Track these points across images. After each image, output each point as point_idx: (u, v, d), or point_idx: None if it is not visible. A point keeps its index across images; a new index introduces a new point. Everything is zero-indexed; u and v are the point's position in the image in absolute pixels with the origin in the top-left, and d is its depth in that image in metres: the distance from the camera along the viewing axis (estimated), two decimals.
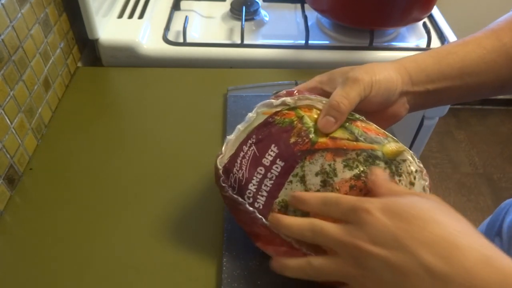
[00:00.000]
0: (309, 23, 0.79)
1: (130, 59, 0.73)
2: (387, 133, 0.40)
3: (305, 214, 0.39)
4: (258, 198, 0.40)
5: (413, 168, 0.39)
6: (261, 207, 0.40)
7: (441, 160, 1.77)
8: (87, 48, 0.76)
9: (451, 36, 0.81)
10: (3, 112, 0.50)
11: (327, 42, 0.80)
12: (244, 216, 0.41)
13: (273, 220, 0.39)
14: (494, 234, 0.56)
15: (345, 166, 0.39)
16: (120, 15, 0.78)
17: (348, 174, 0.38)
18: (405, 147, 0.39)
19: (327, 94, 0.42)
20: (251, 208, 0.40)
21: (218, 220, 0.49)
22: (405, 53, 0.77)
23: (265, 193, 0.40)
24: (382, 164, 0.39)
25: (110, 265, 0.45)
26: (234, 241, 0.46)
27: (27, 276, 0.44)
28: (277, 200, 0.40)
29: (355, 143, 0.39)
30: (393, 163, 0.39)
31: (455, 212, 0.32)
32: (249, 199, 0.40)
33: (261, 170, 0.40)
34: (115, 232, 0.48)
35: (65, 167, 0.55)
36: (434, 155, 1.79)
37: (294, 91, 0.42)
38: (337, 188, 0.39)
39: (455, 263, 0.27)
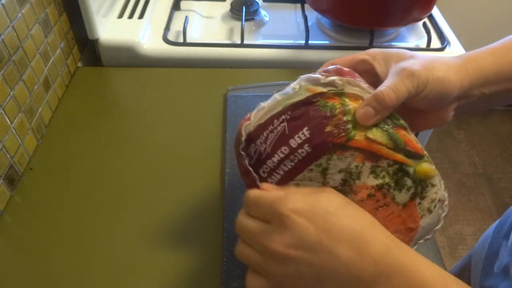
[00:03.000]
0: (309, 23, 0.79)
1: (130, 59, 0.73)
2: (424, 150, 0.37)
3: None
4: (273, 175, 0.38)
5: (437, 196, 0.37)
6: (273, 183, 0.38)
7: (441, 160, 1.77)
8: (87, 48, 0.76)
9: (451, 36, 0.81)
10: (3, 112, 0.50)
11: (327, 42, 0.80)
12: (254, 185, 0.39)
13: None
14: (502, 236, 0.56)
15: (371, 172, 0.36)
16: (120, 15, 0.78)
17: (371, 181, 0.36)
18: (436, 170, 0.37)
19: (374, 72, 0.40)
20: (260, 184, 0.38)
21: (218, 220, 0.49)
22: None
23: (282, 172, 0.38)
24: (409, 182, 0.36)
25: (110, 265, 0.45)
26: (234, 241, 0.46)
27: (27, 276, 0.44)
28: (291, 182, 0.38)
29: (391, 152, 0.36)
30: (420, 184, 0.37)
31: (354, 204, 0.34)
32: (264, 173, 0.38)
33: (285, 150, 0.37)
34: (115, 232, 0.48)
35: (65, 167, 0.55)
36: (434, 155, 1.79)
37: (343, 70, 0.38)
38: (355, 191, 0.37)
39: (366, 256, 0.30)
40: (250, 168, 0.39)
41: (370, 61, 0.40)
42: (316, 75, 0.37)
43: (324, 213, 0.32)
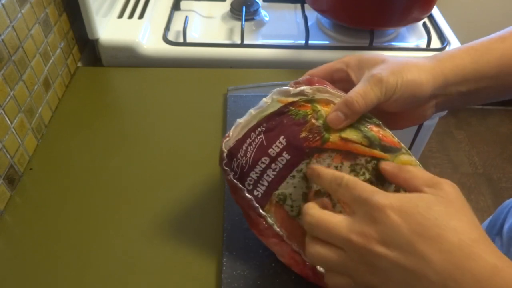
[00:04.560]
0: (309, 23, 0.79)
1: (130, 59, 0.73)
2: (401, 143, 0.38)
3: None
4: (258, 187, 0.40)
5: None
6: (259, 195, 0.40)
7: (441, 160, 1.77)
8: (87, 48, 0.76)
9: (451, 36, 0.81)
10: (3, 112, 0.50)
11: (327, 42, 0.80)
12: (242, 200, 0.41)
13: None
14: (494, 233, 0.56)
15: (351, 170, 0.37)
16: (120, 15, 0.78)
17: None
18: (417, 161, 0.38)
19: (350, 80, 0.40)
20: (249, 196, 0.40)
21: (218, 220, 0.49)
22: (405, 53, 0.77)
23: (266, 183, 0.39)
24: None
25: (110, 265, 0.45)
26: (234, 241, 0.46)
27: (27, 276, 0.44)
28: (276, 192, 0.39)
29: (367, 149, 0.37)
30: None
31: (469, 212, 0.31)
32: (249, 186, 0.40)
33: (265, 160, 0.39)
34: (115, 232, 0.48)
35: (65, 167, 0.55)
36: (434, 155, 1.79)
37: (314, 79, 0.40)
38: None
39: (467, 272, 0.28)
40: (236, 182, 0.40)
41: (344, 69, 0.41)
42: (287, 87, 0.40)
43: (424, 217, 0.29)
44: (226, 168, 0.41)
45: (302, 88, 0.39)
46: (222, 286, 0.42)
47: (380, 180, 0.37)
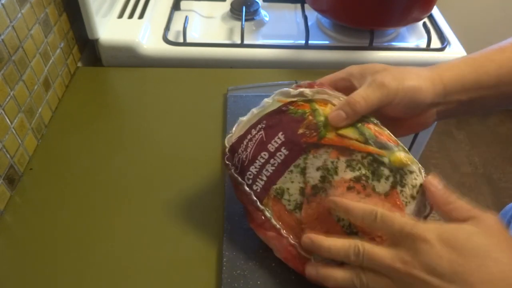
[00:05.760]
0: (309, 23, 0.79)
1: (130, 59, 0.73)
2: (399, 141, 0.39)
3: (299, 206, 0.40)
4: (257, 181, 0.41)
5: (417, 182, 0.37)
6: (258, 190, 0.41)
7: (441, 160, 1.77)
8: (87, 48, 0.76)
9: (451, 36, 0.81)
10: (3, 112, 0.50)
11: (327, 42, 0.80)
12: (242, 195, 0.42)
13: (308, 241, 0.38)
14: None
15: (347, 166, 0.38)
16: (120, 15, 0.78)
17: (349, 174, 0.38)
18: (414, 159, 0.38)
19: (353, 88, 0.41)
20: (248, 190, 0.41)
21: (218, 220, 0.49)
22: (405, 53, 0.77)
23: (264, 178, 0.41)
24: (386, 171, 0.37)
25: (110, 265, 0.45)
26: (234, 241, 0.46)
27: (27, 276, 0.44)
28: (275, 187, 0.41)
29: (363, 145, 0.38)
30: (398, 172, 0.37)
31: (509, 241, 0.33)
32: (248, 180, 0.41)
33: (265, 155, 0.41)
34: (115, 232, 0.48)
35: (65, 167, 0.55)
36: (434, 155, 1.79)
37: (315, 83, 0.42)
38: (335, 186, 0.38)
39: None
40: (237, 176, 0.42)
41: (348, 78, 0.43)
42: (287, 89, 0.42)
43: (464, 248, 0.31)
44: (227, 162, 0.43)
45: (302, 89, 0.41)
46: (222, 286, 0.42)
47: (376, 175, 0.38)
